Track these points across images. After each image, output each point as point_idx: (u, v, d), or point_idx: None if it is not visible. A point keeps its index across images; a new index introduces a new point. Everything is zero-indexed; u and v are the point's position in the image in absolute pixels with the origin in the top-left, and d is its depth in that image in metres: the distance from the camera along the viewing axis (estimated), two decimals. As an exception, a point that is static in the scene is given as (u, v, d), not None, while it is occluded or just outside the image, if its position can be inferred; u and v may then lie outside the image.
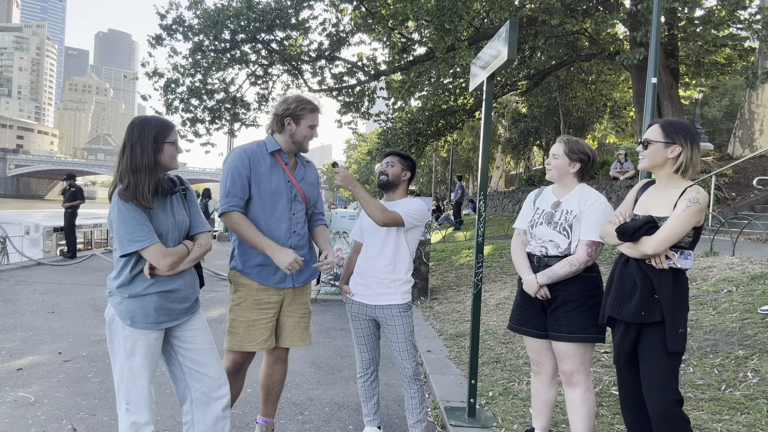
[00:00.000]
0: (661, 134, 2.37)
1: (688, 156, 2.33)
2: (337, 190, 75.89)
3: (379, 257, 2.99)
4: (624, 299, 2.38)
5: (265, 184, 2.79)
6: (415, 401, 3.04)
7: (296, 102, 2.86)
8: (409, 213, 2.94)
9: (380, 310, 2.99)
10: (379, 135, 20.27)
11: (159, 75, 13.51)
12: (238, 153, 2.80)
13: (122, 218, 2.22)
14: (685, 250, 2.33)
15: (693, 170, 2.36)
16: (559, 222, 2.69)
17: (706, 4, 12.95)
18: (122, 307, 2.30)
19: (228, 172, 2.77)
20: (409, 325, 3.01)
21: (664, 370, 2.27)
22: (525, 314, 2.81)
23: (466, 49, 11.40)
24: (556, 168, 2.75)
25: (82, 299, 7.34)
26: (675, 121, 2.43)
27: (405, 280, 3.02)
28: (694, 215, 2.26)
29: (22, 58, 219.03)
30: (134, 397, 2.31)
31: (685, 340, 2.25)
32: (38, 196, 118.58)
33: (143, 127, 2.29)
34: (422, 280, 7.69)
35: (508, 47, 3.00)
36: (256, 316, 2.83)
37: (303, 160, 3.03)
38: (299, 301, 2.98)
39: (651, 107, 7.86)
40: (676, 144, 2.33)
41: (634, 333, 2.36)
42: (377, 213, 2.83)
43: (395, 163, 3.06)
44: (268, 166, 2.82)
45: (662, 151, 2.36)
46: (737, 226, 9.36)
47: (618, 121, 23.32)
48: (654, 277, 2.31)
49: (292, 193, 2.88)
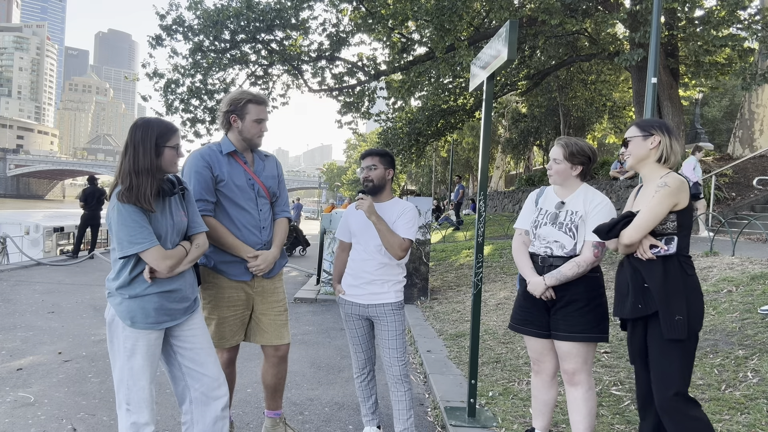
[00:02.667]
0: (638, 130, 2.49)
1: (667, 144, 2.43)
2: (337, 190, 75.98)
3: (373, 258, 2.98)
4: (622, 297, 2.42)
5: (228, 184, 2.82)
6: (403, 405, 2.99)
7: (239, 97, 2.88)
8: (408, 228, 2.93)
9: (373, 308, 2.98)
10: (379, 135, 20.28)
11: (159, 75, 13.52)
12: (195, 157, 2.83)
13: (121, 220, 2.22)
14: (673, 237, 2.33)
15: (675, 158, 2.45)
16: (565, 222, 2.69)
17: (706, 5, 12.95)
18: (122, 308, 2.30)
19: (189, 178, 2.79)
20: (401, 324, 3.00)
21: (662, 360, 2.27)
22: (528, 314, 2.80)
23: (466, 49, 11.41)
24: (558, 173, 2.75)
25: (82, 299, 7.34)
26: (649, 118, 2.59)
27: (398, 280, 3.02)
28: (664, 198, 2.31)
29: (22, 58, 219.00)
30: (135, 398, 2.31)
31: (684, 326, 2.22)
32: (38, 196, 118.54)
33: (146, 129, 2.29)
34: (422, 280, 7.69)
35: (508, 47, 3.00)
36: (225, 314, 2.88)
37: (261, 155, 3.05)
38: (272, 298, 3.01)
39: (651, 107, 7.86)
40: (654, 134, 2.44)
41: (641, 330, 2.38)
42: (397, 251, 2.85)
43: (377, 164, 3.00)
44: (228, 167, 2.86)
45: (642, 143, 2.46)
46: (737, 226, 9.37)
47: (618, 121, 23.31)
48: (643, 269, 2.34)
49: (255, 189, 2.92)
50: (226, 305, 2.88)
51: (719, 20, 11.03)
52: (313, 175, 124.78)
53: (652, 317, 2.32)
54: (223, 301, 2.88)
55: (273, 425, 3.15)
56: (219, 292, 2.87)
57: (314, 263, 10.04)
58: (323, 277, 8.54)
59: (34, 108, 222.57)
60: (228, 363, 2.98)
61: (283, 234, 3.05)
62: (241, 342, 3.00)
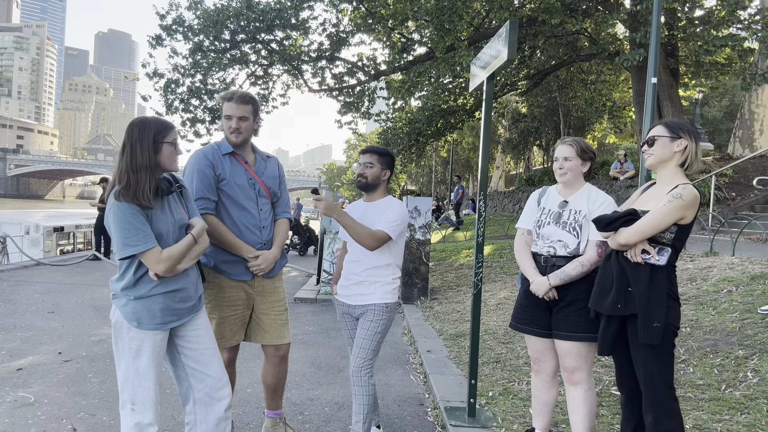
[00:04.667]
0: (667, 130, 2.45)
1: (692, 150, 2.40)
2: (337, 190, 75.95)
3: (359, 260, 2.97)
4: (605, 292, 2.43)
5: (229, 183, 2.84)
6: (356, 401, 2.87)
7: (218, 99, 2.96)
8: (393, 225, 2.87)
9: (360, 309, 2.97)
10: (379, 135, 20.27)
11: (159, 75, 13.52)
12: (198, 155, 2.87)
13: (117, 221, 2.22)
14: (665, 247, 2.34)
15: (696, 165, 2.42)
16: (569, 222, 2.69)
17: (706, 5, 12.95)
18: (128, 309, 2.30)
19: (191, 176, 2.81)
20: (381, 325, 2.92)
21: (641, 360, 2.34)
22: (529, 314, 2.81)
23: (466, 49, 11.40)
24: (571, 170, 2.73)
25: (82, 299, 7.34)
26: (677, 120, 2.55)
27: (386, 282, 2.96)
28: (675, 210, 2.29)
29: (22, 58, 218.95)
30: (140, 398, 2.32)
31: (660, 333, 2.27)
32: (38, 196, 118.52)
33: (143, 127, 2.30)
34: (422, 280, 7.69)
35: (508, 47, 3.00)
36: (225, 313, 2.90)
37: (263, 155, 3.08)
38: (273, 298, 3.03)
39: (651, 107, 7.86)
40: (681, 138, 2.41)
41: (615, 325, 2.42)
42: (367, 240, 2.79)
43: (374, 163, 2.98)
44: (229, 166, 2.88)
45: (669, 145, 2.42)
46: (737, 226, 9.37)
47: (618, 121, 23.31)
48: (630, 271, 2.36)
49: (256, 188, 2.94)
50: (226, 304, 2.89)
51: (719, 20, 11.03)
52: (313, 175, 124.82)
53: (629, 316, 2.36)
54: (224, 300, 2.89)
55: (273, 425, 3.16)
56: (220, 291, 2.89)
57: (314, 263, 10.04)
58: (323, 277, 8.54)
59: (34, 108, 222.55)
60: (228, 363, 2.99)
61: (283, 234, 3.06)
62: (241, 342, 3.01)
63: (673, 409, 2.30)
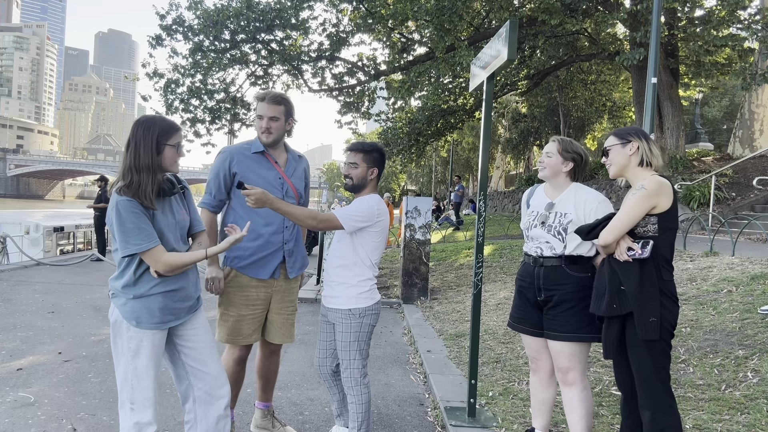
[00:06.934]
0: (616, 138, 2.55)
1: (645, 148, 2.49)
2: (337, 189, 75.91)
3: (332, 259, 2.90)
4: (600, 295, 2.48)
5: (254, 182, 2.84)
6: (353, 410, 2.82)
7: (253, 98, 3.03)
8: (348, 215, 2.68)
9: (332, 314, 2.87)
10: (379, 135, 20.27)
11: (159, 75, 13.52)
12: (222, 153, 2.92)
13: (120, 219, 2.22)
14: (648, 240, 2.36)
15: (656, 162, 2.50)
16: (553, 225, 2.72)
17: (706, 4, 12.96)
18: (127, 308, 2.30)
19: (211, 171, 2.93)
20: (354, 334, 2.78)
21: (638, 358, 2.36)
22: (522, 313, 2.85)
23: (466, 49, 11.41)
24: (550, 166, 2.78)
25: (82, 299, 7.34)
26: (625, 127, 2.67)
27: (351, 284, 2.80)
28: (640, 201, 2.36)
29: (22, 58, 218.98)
30: (139, 397, 2.32)
31: (656, 328, 2.30)
32: (38, 196, 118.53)
33: (147, 127, 2.29)
34: (422, 280, 7.69)
35: (508, 47, 3.00)
36: (244, 312, 2.91)
37: (294, 155, 3.08)
38: (288, 299, 3.06)
39: (651, 107, 7.86)
40: (632, 141, 2.51)
41: (617, 326, 2.44)
42: (308, 221, 2.59)
43: (359, 163, 2.80)
44: (256, 165, 2.89)
45: (622, 151, 2.52)
46: (737, 226, 9.37)
47: (618, 121, 23.32)
48: (620, 271, 2.40)
49: (284, 188, 2.94)
50: (244, 303, 2.91)
51: (719, 20, 11.03)
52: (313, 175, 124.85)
53: (628, 316, 2.39)
54: (243, 299, 2.91)
55: (262, 417, 3.22)
56: (239, 290, 2.91)
57: (314, 263, 10.05)
58: (323, 277, 8.52)
59: (34, 108, 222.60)
60: (239, 361, 3.01)
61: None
62: (257, 342, 3.02)
63: (670, 407, 2.32)
